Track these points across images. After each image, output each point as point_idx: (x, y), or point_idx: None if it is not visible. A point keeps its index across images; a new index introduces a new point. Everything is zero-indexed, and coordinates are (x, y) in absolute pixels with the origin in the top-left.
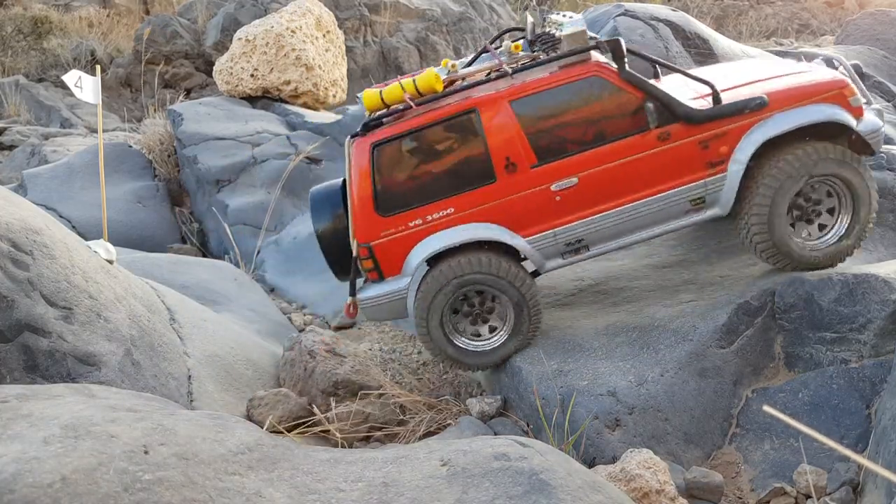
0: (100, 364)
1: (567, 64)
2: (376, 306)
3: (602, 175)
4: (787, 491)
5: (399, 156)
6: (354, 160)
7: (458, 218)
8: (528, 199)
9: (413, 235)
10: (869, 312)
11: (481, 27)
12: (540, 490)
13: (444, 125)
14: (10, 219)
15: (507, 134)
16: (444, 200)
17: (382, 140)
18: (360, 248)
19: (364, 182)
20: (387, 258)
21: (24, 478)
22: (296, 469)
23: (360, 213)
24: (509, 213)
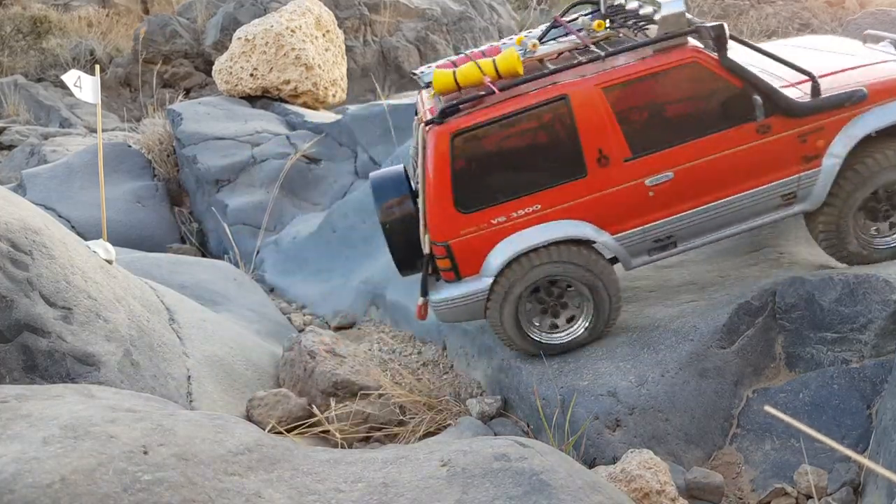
0: (99, 364)
1: (663, 48)
2: (452, 308)
3: (698, 169)
4: (787, 491)
5: (482, 147)
6: (431, 151)
7: (544, 215)
8: (621, 194)
9: (495, 233)
10: (870, 312)
11: (481, 26)
12: (540, 490)
13: (532, 114)
14: (9, 219)
15: (600, 124)
16: (530, 196)
17: (464, 129)
18: (435, 246)
19: (442, 176)
20: (465, 257)
21: (23, 478)
22: (295, 469)
23: (437, 210)
24: (599, 209)
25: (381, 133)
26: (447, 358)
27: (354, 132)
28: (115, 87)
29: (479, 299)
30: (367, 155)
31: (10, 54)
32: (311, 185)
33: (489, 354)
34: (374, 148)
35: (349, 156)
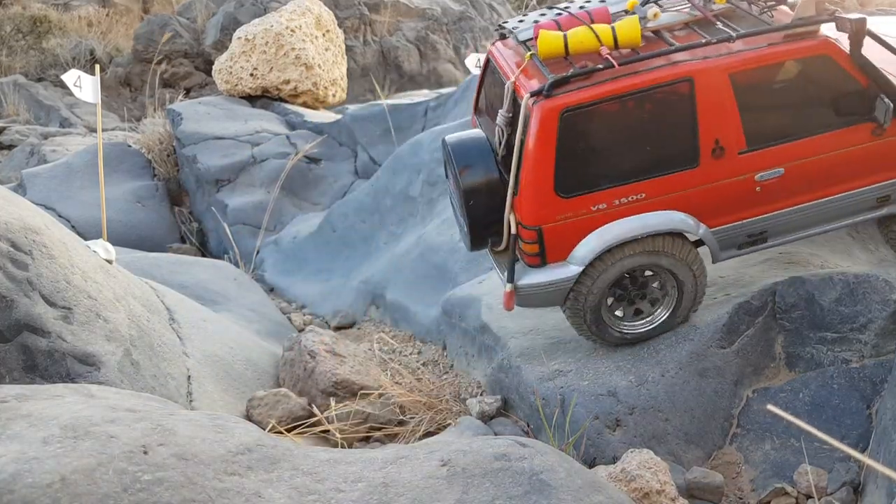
0: (99, 364)
1: (793, 35)
2: (534, 294)
3: (808, 167)
4: (787, 491)
5: (592, 127)
6: (536, 127)
7: (646, 204)
8: (729, 188)
9: (592, 220)
10: (870, 312)
11: (481, 26)
12: (540, 490)
13: (650, 95)
14: (9, 218)
15: (722, 113)
16: (636, 184)
17: (575, 106)
18: (525, 229)
19: (545, 155)
20: (556, 243)
21: (23, 478)
22: (295, 469)
23: (533, 192)
24: (703, 202)
25: (381, 133)
26: (447, 358)
27: (354, 132)
28: (114, 86)
29: (564, 287)
30: (367, 155)
31: (9, 54)
32: (311, 185)
33: (489, 354)
34: (374, 148)
35: (349, 156)
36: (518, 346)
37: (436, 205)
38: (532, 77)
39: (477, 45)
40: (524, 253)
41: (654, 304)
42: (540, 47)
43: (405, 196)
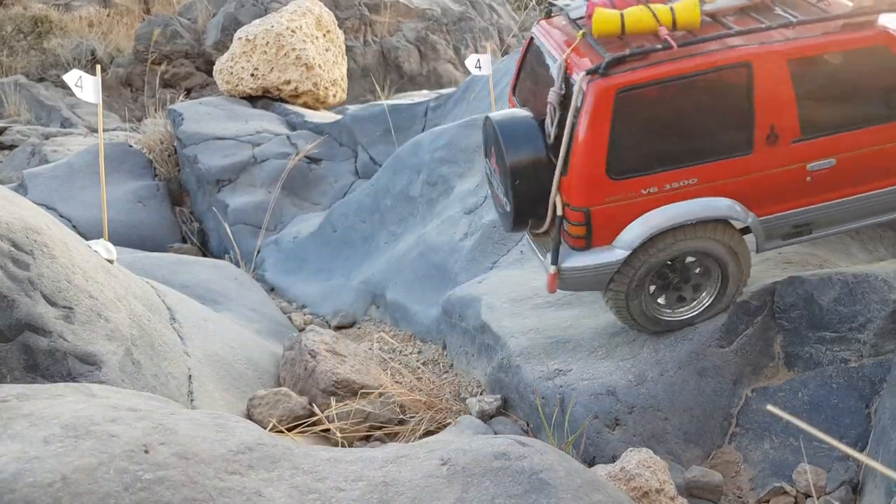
0: (100, 363)
1: (852, 25)
2: (579, 277)
3: (859, 159)
4: (786, 490)
5: (647, 109)
6: (590, 107)
7: (697, 190)
8: (780, 177)
9: (642, 204)
10: (869, 312)
11: (481, 27)
12: (540, 489)
13: (707, 78)
14: (10, 218)
15: (779, 99)
16: (689, 168)
17: (631, 86)
18: (573, 211)
19: (598, 135)
20: (603, 226)
21: (24, 477)
22: (296, 468)
23: (584, 173)
24: (754, 190)
25: (381, 133)
26: (447, 357)
27: (354, 132)
28: (116, 87)
29: (608, 271)
30: (367, 155)
31: (11, 54)
32: (312, 185)
33: (489, 354)
34: (375, 148)
35: (349, 156)
36: (518, 345)
37: (436, 205)
38: (584, 55)
39: (477, 46)
40: (569, 235)
41: (696, 290)
42: (595, 25)
43: (405, 196)
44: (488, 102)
